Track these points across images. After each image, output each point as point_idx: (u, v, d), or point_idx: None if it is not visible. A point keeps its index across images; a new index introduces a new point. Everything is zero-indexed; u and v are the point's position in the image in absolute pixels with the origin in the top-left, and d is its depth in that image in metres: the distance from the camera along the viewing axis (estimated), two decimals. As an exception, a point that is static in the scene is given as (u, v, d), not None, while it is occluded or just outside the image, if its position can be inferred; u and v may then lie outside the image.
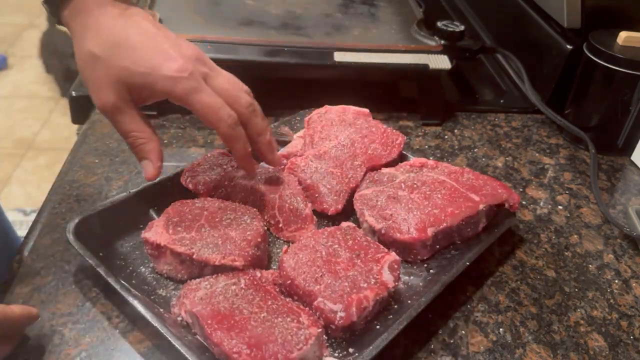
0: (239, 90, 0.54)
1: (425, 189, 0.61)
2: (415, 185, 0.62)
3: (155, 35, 0.51)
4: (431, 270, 0.58)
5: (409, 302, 0.53)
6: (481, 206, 0.60)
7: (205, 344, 0.48)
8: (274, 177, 0.63)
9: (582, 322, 0.56)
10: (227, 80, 0.54)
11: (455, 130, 0.85)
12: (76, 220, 0.55)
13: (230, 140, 0.53)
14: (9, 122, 2.46)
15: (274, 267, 0.58)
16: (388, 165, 0.68)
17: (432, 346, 0.52)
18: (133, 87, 0.50)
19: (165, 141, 0.77)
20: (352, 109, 0.74)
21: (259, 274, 0.53)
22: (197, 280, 0.52)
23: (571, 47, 0.83)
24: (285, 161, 0.68)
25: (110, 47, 0.50)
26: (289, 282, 0.51)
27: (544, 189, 0.74)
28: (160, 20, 0.82)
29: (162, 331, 0.46)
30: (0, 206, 0.86)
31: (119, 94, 0.50)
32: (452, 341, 0.53)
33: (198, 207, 0.57)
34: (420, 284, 0.56)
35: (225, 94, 0.53)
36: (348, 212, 0.63)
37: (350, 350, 0.49)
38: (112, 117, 0.52)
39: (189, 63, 0.50)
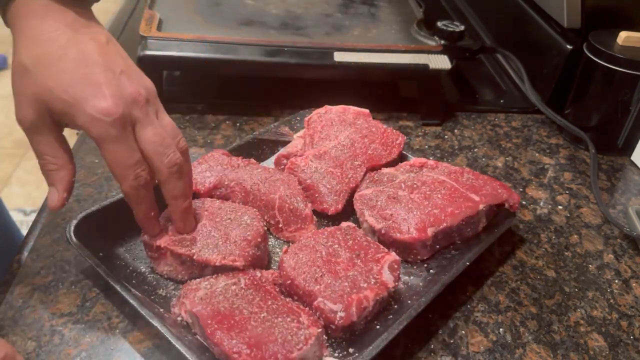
0: (168, 146, 0.49)
1: (425, 189, 0.61)
2: (415, 185, 0.62)
3: (95, 64, 0.46)
4: (431, 270, 0.58)
5: (409, 302, 0.53)
6: (481, 206, 0.60)
7: (205, 344, 0.48)
8: (274, 177, 0.63)
9: (582, 322, 0.56)
10: (157, 133, 0.48)
11: (455, 130, 0.85)
12: (76, 220, 0.55)
13: (130, 201, 0.49)
14: (9, 122, 2.45)
15: (274, 267, 0.58)
16: (388, 165, 0.68)
17: (432, 346, 0.52)
18: (53, 112, 0.46)
19: (165, 141, 0.77)
20: (352, 109, 0.74)
21: (259, 274, 0.53)
22: (197, 280, 0.52)
23: (571, 47, 0.83)
24: (285, 161, 0.68)
25: (41, 63, 0.45)
26: (289, 282, 0.51)
27: (544, 189, 0.74)
28: (160, 20, 0.82)
29: (162, 331, 0.46)
30: (4, 205, 0.86)
31: (38, 112, 0.46)
32: (452, 341, 0.53)
33: (198, 207, 0.57)
34: (420, 284, 0.56)
35: (150, 147, 0.48)
36: (348, 212, 0.63)
37: (350, 350, 0.49)
38: (28, 135, 0.47)
39: (118, 106, 0.45)
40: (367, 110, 0.74)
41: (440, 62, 0.81)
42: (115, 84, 0.46)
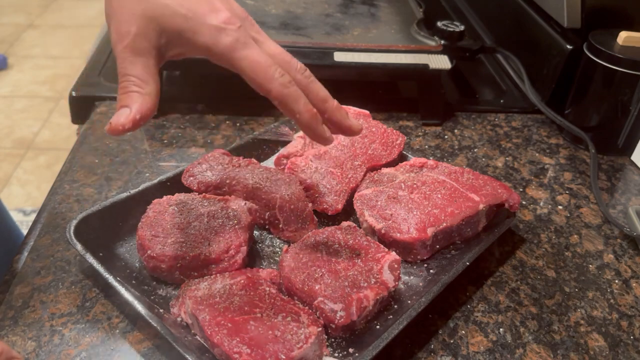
0: (291, 56, 0.47)
1: (425, 189, 0.61)
2: (415, 185, 0.62)
3: None
4: (431, 270, 0.58)
5: (409, 302, 0.53)
6: (481, 206, 0.60)
7: (205, 344, 0.48)
8: (275, 176, 0.63)
9: (582, 322, 0.56)
10: (277, 45, 0.47)
11: (455, 130, 0.85)
12: (76, 220, 0.55)
13: (288, 101, 0.45)
14: (9, 122, 2.45)
15: (274, 266, 0.58)
16: (388, 165, 0.68)
17: (432, 346, 0.52)
18: (167, 30, 0.43)
19: (165, 141, 0.77)
20: (353, 109, 0.74)
21: (258, 274, 0.53)
22: (196, 280, 0.52)
23: (571, 47, 0.83)
24: (285, 161, 0.68)
25: None
26: (289, 281, 0.52)
27: (544, 189, 0.74)
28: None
29: (162, 331, 0.46)
30: (4, 205, 0.86)
31: (144, 30, 0.43)
32: (452, 341, 0.53)
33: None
34: (420, 284, 0.56)
35: (278, 57, 0.46)
36: (348, 212, 0.63)
37: (350, 350, 0.49)
38: (122, 54, 0.43)
39: (236, 18, 0.44)
40: (367, 112, 0.74)
41: (440, 62, 0.81)
42: (226, 3, 0.45)
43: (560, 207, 0.71)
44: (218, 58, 0.45)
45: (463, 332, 0.54)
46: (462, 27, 0.87)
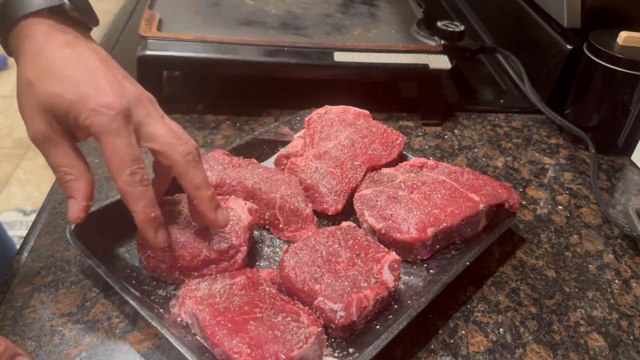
0: (179, 137, 0.49)
1: (425, 189, 0.61)
2: (415, 185, 0.62)
3: (97, 69, 0.47)
4: (431, 270, 0.58)
5: (409, 302, 0.53)
6: (481, 206, 0.60)
7: (205, 344, 0.48)
8: (275, 176, 0.63)
9: (582, 322, 0.56)
10: (166, 126, 0.49)
11: (455, 130, 0.85)
12: (76, 220, 0.55)
13: (127, 199, 0.46)
14: (9, 122, 2.45)
15: (274, 266, 0.58)
16: (388, 165, 0.68)
17: (432, 346, 0.52)
18: (60, 116, 0.46)
19: (165, 141, 0.77)
20: (353, 109, 0.74)
21: (258, 274, 0.53)
22: (196, 280, 0.52)
23: (571, 47, 0.83)
24: (285, 161, 0.68)
25: (45, 73, 0.46)
26: (289, 281, 0.52)
27: (544, 189, 0.74)
28: (161, 21, 0.82)
29: (162, 331, 0.46)
30: None
31: (49, 122, 0.46)
32: (452, 341, 0.53)
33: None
34: (420, 284, 0.56)
35: (160, 139, 0.48)
36: (348, 212, 0.63)
37: (350, 350, 0.49)
38: (42, 150, 0.47)
39: (122, 101, 0.46)
40: (367, 112, 0.74)
41: (440, 62, 0.81)
42: (118, 85, 0.47)
43: (560, 207, 0.71)
44: (95, 139, 0.46)
45: (463, 332, 0.54)
46: (462, 27, 0.87)
